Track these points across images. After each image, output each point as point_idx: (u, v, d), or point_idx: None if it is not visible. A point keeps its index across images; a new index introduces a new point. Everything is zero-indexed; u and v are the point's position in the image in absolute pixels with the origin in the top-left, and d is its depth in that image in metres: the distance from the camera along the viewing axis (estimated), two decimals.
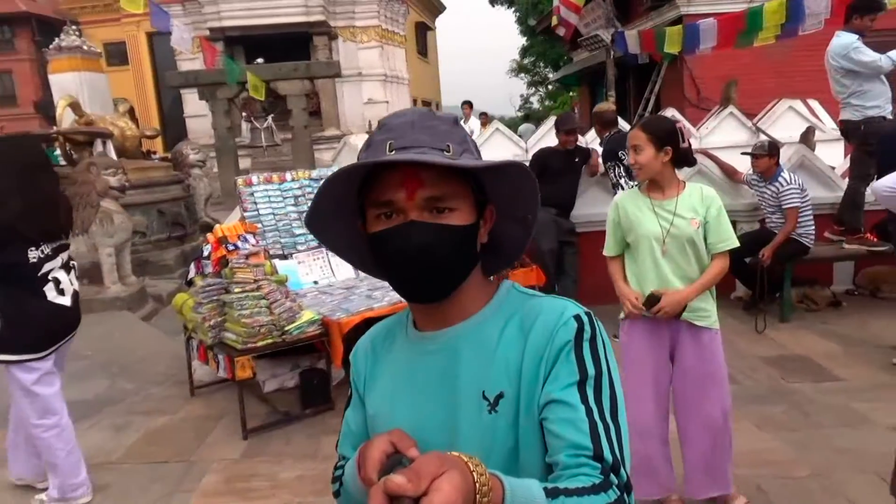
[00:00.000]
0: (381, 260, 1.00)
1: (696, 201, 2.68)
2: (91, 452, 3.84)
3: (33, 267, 3.07)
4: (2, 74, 34.86)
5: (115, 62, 30.11)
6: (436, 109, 35.53)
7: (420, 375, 1.05)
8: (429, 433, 0.99)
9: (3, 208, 2.98)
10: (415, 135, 0.95)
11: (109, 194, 6.64)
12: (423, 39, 33.12)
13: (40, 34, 31.90)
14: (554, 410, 0.93)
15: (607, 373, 0.96)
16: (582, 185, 5.88)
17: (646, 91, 12.43)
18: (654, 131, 2.68)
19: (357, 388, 1.16)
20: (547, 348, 0.96)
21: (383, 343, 1.15)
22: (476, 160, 0.99)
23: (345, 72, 16.56)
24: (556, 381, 0.94)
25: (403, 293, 1.02)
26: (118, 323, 6.31)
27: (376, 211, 0.98)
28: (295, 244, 4.88)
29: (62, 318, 3.22)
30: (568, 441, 0.90)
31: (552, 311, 1.00)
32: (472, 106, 13.32)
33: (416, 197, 0.94)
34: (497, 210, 1.06)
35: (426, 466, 0.72)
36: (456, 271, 1.00)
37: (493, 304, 1.06)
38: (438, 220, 0.95)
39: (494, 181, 1.02)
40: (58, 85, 13.55)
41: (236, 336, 3.90)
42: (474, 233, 1.01)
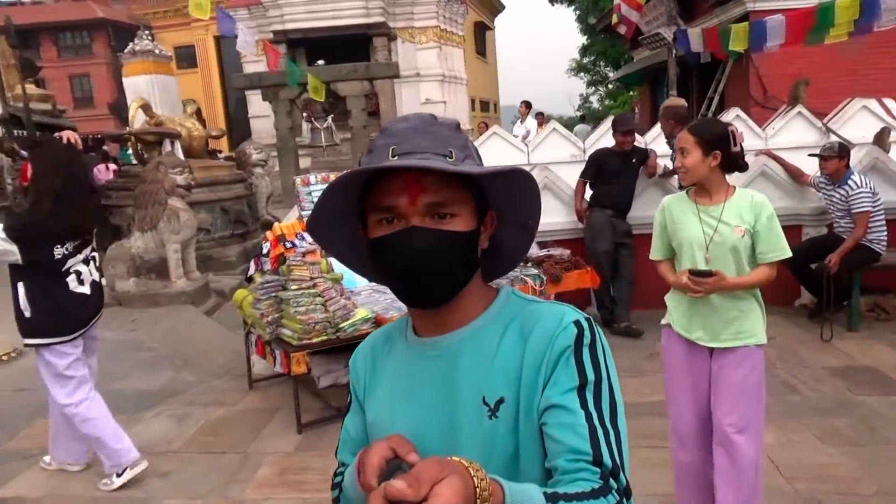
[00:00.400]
0: (382, 265, 1.00)
1: (743, 208, 2.57)
2: (154, 441, 4.02)
3: (58, 262, 3.34)
4: (80, 77, 36.72)
5: (185, 65, 31.28)
6: (494, 109, 35.15)
7: (420, 381, 1.05)
8: (428, 439, 0.98)
9: (38, 207, 3.26)
10: (417, 140, 0.95)
11: (176, 192, 6.92)
12: (481, 39, 33.11)
13: (116, 39, 33.42)
14: (553, 415, 0.93)
15: (607, 378, 0.96)
16: (639, 187, 5.78)
17: (709, 90, 12.09)
18: (703, 134, 2.60)
19: (356, 394, 1.15)
20: (546, 353, 0.96)
21: (382, 349, 1.14)
22: (478, 166, 1.00)
23: (403, 72, 16.73)
24: (556, 386, 0.94)
25: (404, 298, 1.03)
26: (183, 317, 6.57)
27: (378, 216, 0.98)
28: None
29: (83, 305, 3.47)
30: (567, 446, 0.90)
31: (552, 316, 1.00)
32: (529, 106, 13.23)
33: (417, 202, 0.94)
34: (498, 216, 1.06)
35: (426, 471, 0.72)
36: (456, 277, 1.00)
37: (492, 310, 1.05)
38: (440, 226, 0.96)
39: (496, 187, 1.02)
40: (131, 87, 14.15)
41: (292, 332, 4.00)
42: (475, 239, 1.01)
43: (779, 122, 7.72)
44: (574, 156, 6.97)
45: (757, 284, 2.60)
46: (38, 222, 3.25)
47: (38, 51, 35.78)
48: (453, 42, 20.16)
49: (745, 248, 2.55)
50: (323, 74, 12.73)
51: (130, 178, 8.59)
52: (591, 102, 34.76)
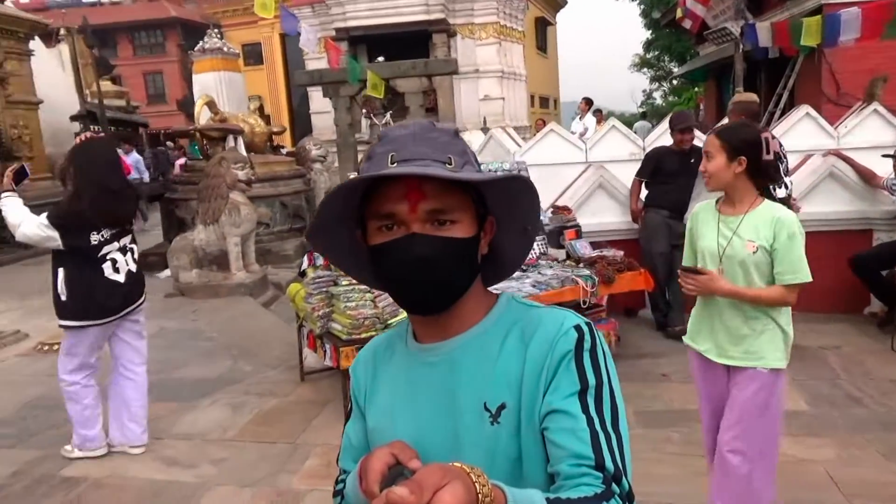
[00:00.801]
0: (381, 272, 1.00)
1: (763, 223, 2.42)
2: (209, 428, 4.16)
3: (95, 248, 3.61)
4: (154, 74, 38.28)
5: (252, 62, 32.16)
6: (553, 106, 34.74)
7: (420, 387, 1.05)
8: (430, 445, 0.98)
9: (79, 199, 3.57)
10: (416, 147, 0.96)
11: (237, 187, 7.13)
12: (542, 35, 32.76)
13: (186, 37, 34.65)
14: (555, 420, 0.93)
15: (608, 382, 0.96)
16: (697, 187, 5.61)
17: (778, 86, 11.62)
18: (729, 139, 2.48)
19: (357, 401, 1.15)
20: (547, 358, 0.96)
21: (383, 355, 1.14)
22: (478, 173, 1.00)
23: (462, 69, 16.70)
24: (557, 391, 0.94)
25: (404, 305, 1.03)
26: (241, 308, 6.77)
27: (378, 223, 0.98)
28: None
29: (113, 293, 3.69)
30: (569, 451, 0.90)
31: (552, 321, 1.00)
32: (590, 103, 13.01)
33: (418, 209, 0.94)
34: (498, 221, 1.06)
35: (428, 478, 0.72)
36: (457, 283, 1.00)
37: (492, 316, 1.05)
38: (440, 233, 0.96)
39: (495, 194, 1.02)
40: (200, 84, 14.62)
41: (342, 327, 4.07)
42: (475, 245, 1.01)
43: (852, 120, 7.35)
44: (633, 154, 6.81)
45: (765, 302, 2.45)
46: (77, 212, 3.56)
47: (115, 49, 37.49)
48: (513, 38, 20.01)
49: (755, 264, 2.42)
50: (382, 71, 12.84)
51: (195, 173, 8.90)
52: (655, 99, 33.99)
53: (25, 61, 11.80)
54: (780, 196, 4.46)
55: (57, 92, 13.92)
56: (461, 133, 1.06)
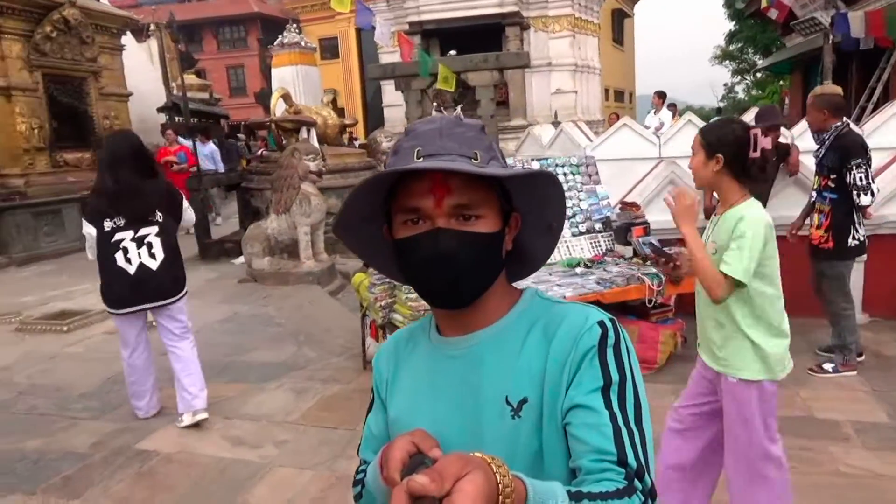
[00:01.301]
0: (406, 265, 1.01)
1: (731, 222, 2.33)
2: (274, 411, 4.30)
3: (108, 234, 3.85)
4: (236, 68, 39.68)
5: (328, 56, 32.83)
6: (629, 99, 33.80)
7: (443, 380, 1.05)
8: (451, 438, 0.98)
9: (96, 188, 3.93)
10: (442, 142, 0.95)
11: (308, 178, 7.31)
12: (619, 27, 32.00)
13: (266, 32, 35.72)
14: (577, 415, 0.93)
15: (631, 379, 0.96)
16: (778, 185, 5.36)
17: (871, 80, 10.95)
18: (707, 135, 2.42)
19: (379, 392, 1.16)
20: (570, 354, 0.96)
21: (405, 347, 1.15)
22: (503, 168, 1.00)
23: (534, 62, 16.53)
24: (580, 386, 0.94)
25: (428, 299, 1.03)
26: (309, 295, 6.96)
27: (403, 217, 0.98)
28: None
29: (126, 282, 3.88)
30: (591, 446, 0.90)
31: (576, 317, 1.00)
32: (663, 96, 12.64)
33: (443, 204, 0.94)
34: (523, 217, 1.06)
35: (449, 467, 0.72)
36: (481, 278, 1.00)
37: (516, 311, 1.06)
38: (465, 228, 0.96)
39: (521, 189, 1.02)
40: (278, 77, 15.02)
41: (402, 318, 4.12)
42: (500, 240, 1.01)
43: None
44: None
45: (702, 274, 2.33)
46: (94, 198, 3.97)
47: (200, 44, 39.10)
48: (588, 30, 19.62)
49: (716, 264, 2.33)
50: (454, 64, 12.88)
51: (270, 164, 9.18)
52: (737, 92, 32.66)
53: (117, 56, 12.46)
54: (863, 203, 4.20)
55: (146, 84, 14.65)
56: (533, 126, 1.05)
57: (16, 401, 4.72)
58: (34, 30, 10.37)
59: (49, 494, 3.41)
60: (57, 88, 10.95)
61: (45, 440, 4.02)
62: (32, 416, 4.44)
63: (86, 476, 3.58)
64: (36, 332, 6.33)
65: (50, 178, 10.60)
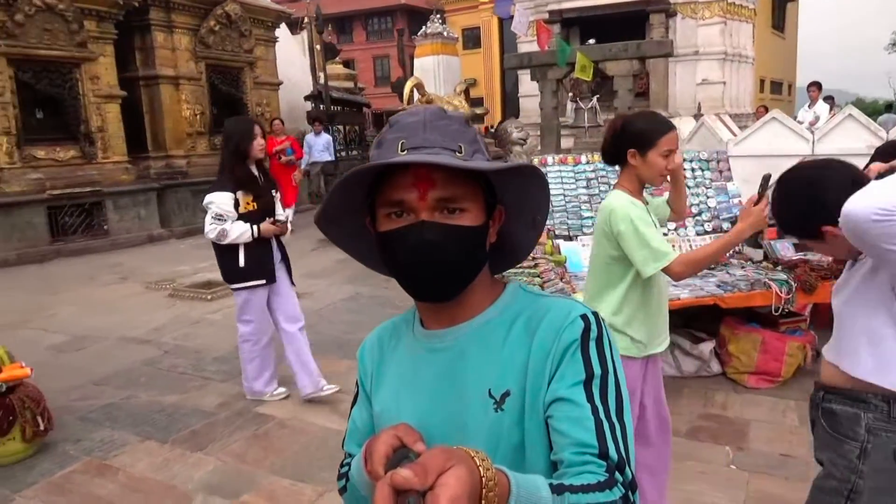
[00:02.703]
0: (390, 258, 1.00)
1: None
2: None
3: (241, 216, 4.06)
4: (381, 58, 41.23)
5: (470, 46, 33.23)
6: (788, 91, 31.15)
7: (426, 373, 1.05)
8: (434, 431, 0.98)
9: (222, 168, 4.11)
10: (426, 134, 0.95)
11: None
12: (779, 12, 29.58)
13: (412, 22, 36.73)
14: (559, 408, 0.93)
15: (613, 372, 0.96)
16: None
17: None
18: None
19: (363, 386, 1.16)
20: (553, 347, 0.96)
21: (390, 341, 1.14)
22: (488, 162, 0.99)
23: (679, 50, 15.75)
24: (562, 379, 0.94)
25: (411, 292, 1.02)
26: None
27: (387, 210, 0.97)
28: (581, 226, 4.91)
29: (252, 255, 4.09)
30: (573, 439, 0.90)
31: (559, 310, 0.99)
32: (820, 87, 11.57)
33: (427, 197, 0.94)
34: (507, 210, 1.05)
35: (433, 460, 0.72)
36: (465, 272, 1.00)
37: (499, 304, 1.05)
38: (449, 221, 0.95)
39: (505, 183, 1.01)
40: (420, 67, 15.40)
41: None
42: (484, 233, 1.01)
43: None
44: (872, 148, 5.97)
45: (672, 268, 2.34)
46: (220, 177, 4.12)
47: (350, 35, 41.04)
48: (742, 16, 18.29)
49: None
50: (592, 53, 12.58)
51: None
52: None
53: (271, 47, 13.39)
54: None
55: (296, 74, 15.62)
56: (672, 119, 1.01)
57: (161, 359, 5.28)
58: (200, 24, 11.40)
59: (177, 445, 3.79)
60: (217, 78, 11.99)
61: (180, 396, 4.47)
62: (173, 374, 4.94)
63: (210, 432, 3.94)
64: (185, 299, 7.01)
65: (208, 160, 11.64)
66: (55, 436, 3.90)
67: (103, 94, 10.18)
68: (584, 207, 4.95)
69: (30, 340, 5.84)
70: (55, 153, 9.77)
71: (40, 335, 6.07)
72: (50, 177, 9.59)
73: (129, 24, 10.66)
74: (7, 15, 8.89)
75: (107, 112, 10.25)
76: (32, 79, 9.45)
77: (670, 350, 4.47)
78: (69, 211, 9.82)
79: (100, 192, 10.07)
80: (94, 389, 4.69)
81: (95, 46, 10.00)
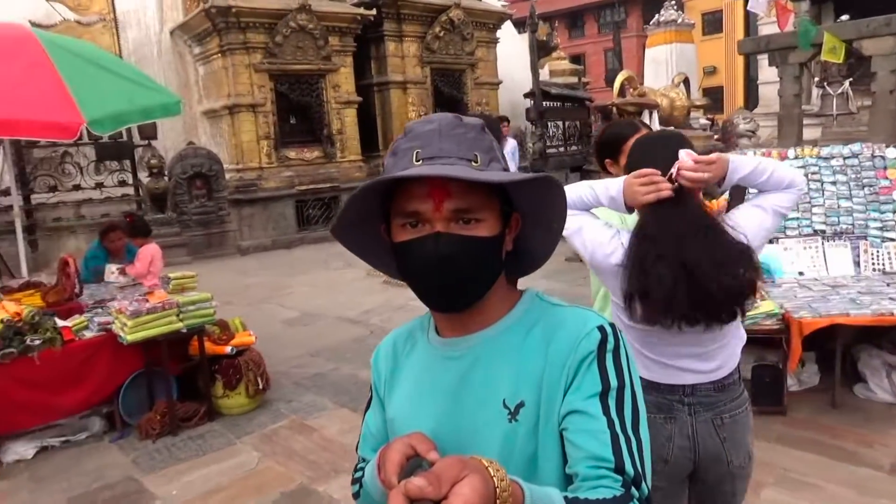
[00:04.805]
0: (405, 269, 0.99)
1: None
2: None
3: None
4: (612, 51, 40.20)
5: (710, 31, 31.08)
6: None
7: (440, 381, 1.03)
8: (447, 439, 0.97)
9: None
10: (441, 144, 0.93)
11: None
12: None
13: (647, 11, 35.24)
14: (575, 421, 0.91)
15: (629, 385, 0.94)
16: None
17: None
18: None
19: (377, 391, 1.15)
20: (569, 358, 0.94)
21: (404, 346, 1.13)
22: (504, 170, 0.98)
23: None
24: (578, 391, 0.92)
25: (427, 302, 1.01)
26: None
27: (402, 220, 0.96)
28: (784, 228, 4.45)
29: None
30: (589, 452, 0.88)
31: (575, 321, 0.97)
32: None
33: (443, 209, 0.92)
34: (524, 218, 1.04)
35: (447, 470, 0.72)
36: (480, 283, 0.98)
37: (516, 312, 1.03)
38: (465, 232, 0.94)
39: (522, 191, 0.99)
40: (651, 57, 14.87)
41: None
42: (500, 243, 0.99)
43: None
44: None
45: None
46: None
47: (582, 29, 40.64)
48: None
49: None
50: (844, 32, 11.11)
51: None
52: None
53: (492, 48, 13.91)
54: None
55: (517, 72, 16.00)
56: None
57: (367, 338, 5.89)
58: (426, 31, 12.26)
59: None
60: (440, 80, 12.81)
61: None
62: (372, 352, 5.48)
63: None
64: (395, 286, 7.66)
65: None
66: (272, 395, 4.60)
67: (343, 100, 11.49)
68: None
69: (269, 314, 6.89)
70: (303, 154, 11.29)
71: (278, 310, 7.12)
72: (298, 174, 11.12)
73: (365, 37, 11.86)
74: (269, 37, 10.46)
75: (345, 116, 11.55)
76: (287, 90, 11.02)
77: (887, 373, 3.90)
78: (312, 204, 11.28)
79: (337, 188, 11.40)
80: (309, 360, 5.41)
81: (337, 58, 11.32)
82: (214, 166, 10.31)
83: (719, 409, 1.79)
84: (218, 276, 8.55)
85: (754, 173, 1.74)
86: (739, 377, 1.86)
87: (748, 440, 1.83)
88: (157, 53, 11.79)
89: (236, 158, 10.88)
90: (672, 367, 1.79)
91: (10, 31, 4.58)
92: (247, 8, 10.09)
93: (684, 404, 1.79)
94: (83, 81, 4.39)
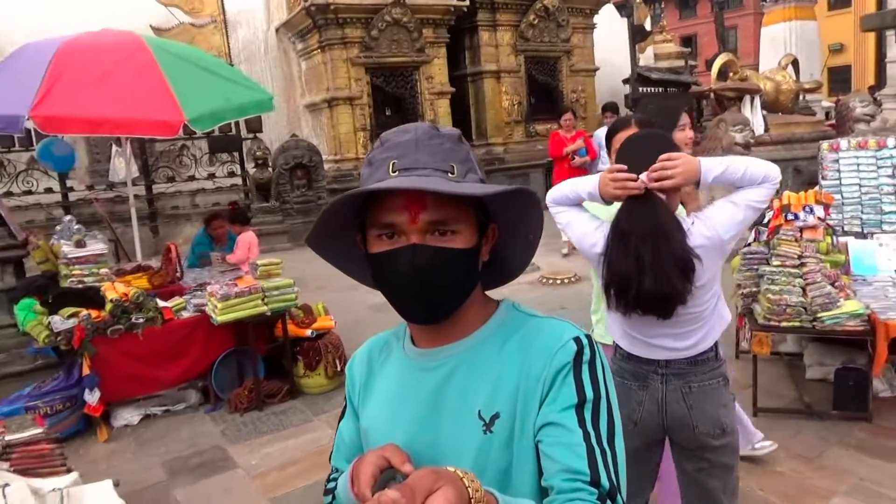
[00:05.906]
0: (380, 280, 0.98)
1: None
2: None
3: None
4: (728, 30, 37.98)
5: (838, 6, 28.81)
6: None
7: (415, 392, 1.02)
8: (422, 450, 0.97)
9: None
10: (417, 155, 0.93)
11: (734, 150, 6.92)
12: None
13: None
14: (550, 433, 0.91)
15: (605, 397, 0.93)
16: None
17: None
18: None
19: (351, 400, 1.14)
20: (545, 370, 0.93)
21: (379, 356, 1.12)
22: (480, 181, 0.98)
23: None
24: (554, 403, 0.92)
25: (402, 313, 1.00)
26: None
27: (377, 231, 0.96)
28: (880, 222, 4.16)
29: None
30: (564, 465, 0.88)
31: (551, 332, 0.97)
32: None
33: (419, 221, 0.92)
34: (500, 228, 1.03)
35: (421, 482, 0.72)
36: (456, 294, 0.97)
37: (492, 324, 1.02)
38: (441, 244, 0.93)
39: (498, 203, 0.99)
40: (767, 36, 14.03)
41: (761, 310, 3.76)
42: (476, 255, 0.98)
43: None
44: None
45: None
46: None
47: (694, 9, 38.70)
48: None
49: None
50: None
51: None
52: None
53: (588, 34, 13.61)
54: None
55: (618, 57, 15.55)
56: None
57: None
58: (520, 20, 12.19)
59: None
60: (535, 68, 12.70)
61: None
62: None
63: None
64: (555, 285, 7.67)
65: (523, 147, 12.45)
66: None
67: (436, 91, 11.66)
68: (885, 200, 4.18)
69: (358, 299, 7.11)
70: None
71: (367, 296, 7.34)
72: None
73: (458, 27, 11.96)
74: (365, 32, 10.79)
75: (438, 107, 11.72)
76: (383, 83, 11.32)
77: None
78: None
79: None
80: None
81: (431, 50, 11.49)
82: (314, 157, 10.80)
83: (689, 379, 1.97)
84: (315, 261, 8.73)
85: (727, 173, 1.84)
86: (716, 353, 2.02)
87: (719, 413, 1.96)
88: (264, 51, 12.46)
89: (334, 150, 11.33)
90: (651, 345, 1.98)
91: (123, 38, 5.03)
92: (344, 4, 10.45)
93: (658, 374, 1.99)
94: (185, 82, 4.77)
